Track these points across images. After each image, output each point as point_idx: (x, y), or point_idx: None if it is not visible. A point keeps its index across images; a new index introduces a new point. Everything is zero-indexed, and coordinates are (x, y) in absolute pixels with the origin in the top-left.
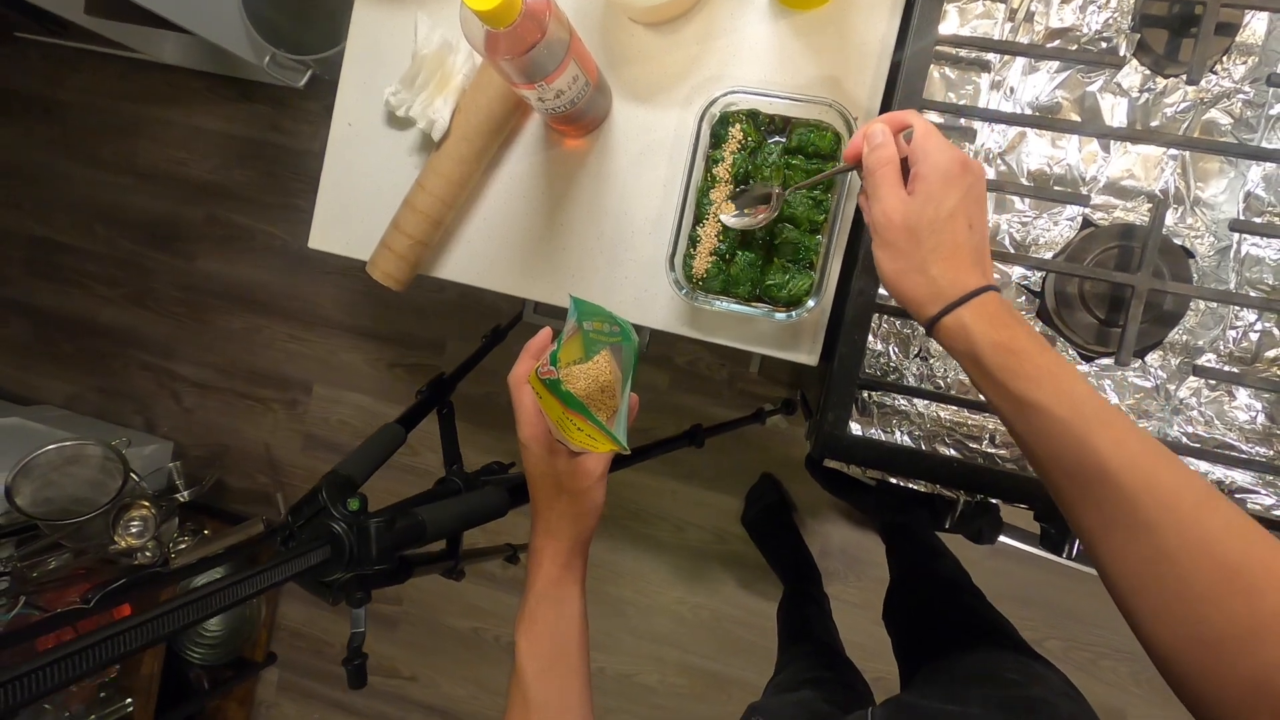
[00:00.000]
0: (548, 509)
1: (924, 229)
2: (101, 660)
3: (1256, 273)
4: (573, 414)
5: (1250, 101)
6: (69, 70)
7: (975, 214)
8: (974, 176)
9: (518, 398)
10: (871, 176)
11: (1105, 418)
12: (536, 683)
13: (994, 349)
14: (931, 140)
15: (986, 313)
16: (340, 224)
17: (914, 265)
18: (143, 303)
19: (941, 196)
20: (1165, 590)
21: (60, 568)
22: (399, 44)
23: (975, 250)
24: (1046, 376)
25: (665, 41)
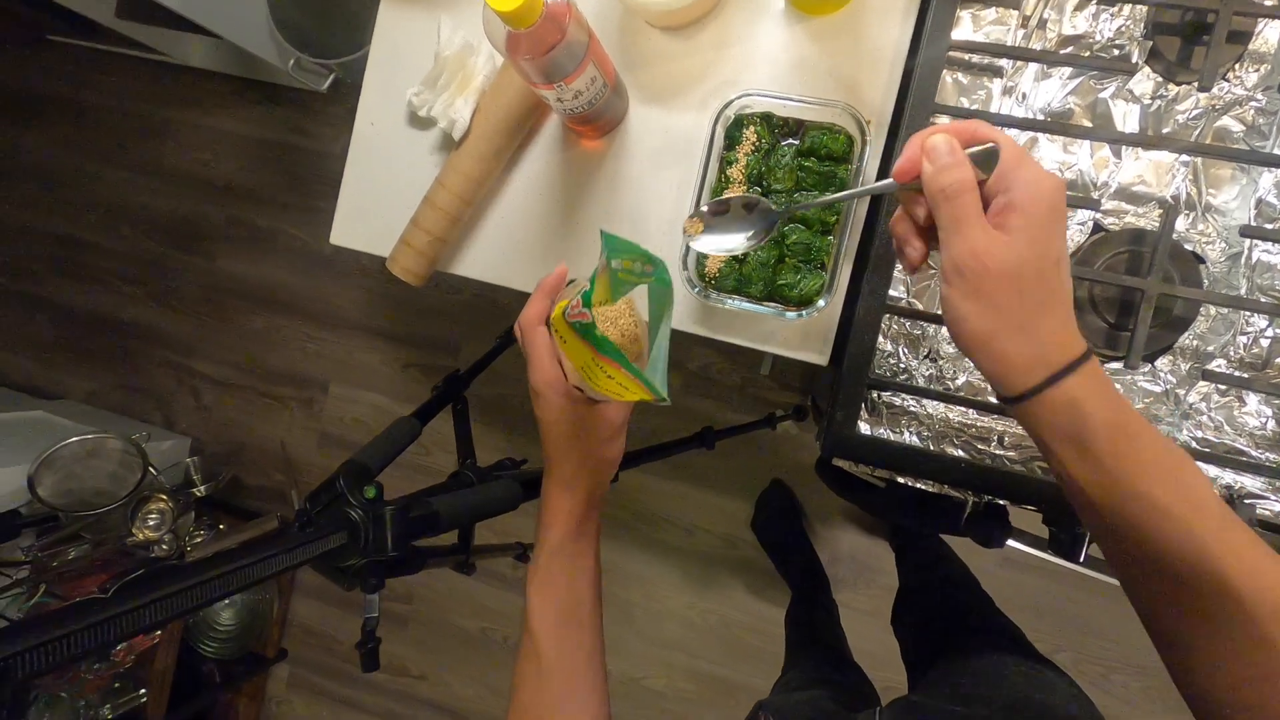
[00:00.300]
0: (563, 460)
1: (1030, 278)
2: (126, 631)
3: (1268, 279)
4: (605, 360)
5: (1262, 109)
6: (98, 73)
7: (1068, 257)
8: (1065, 209)
9: (530, 340)
10: (949, 204)
11: (1226, 522)
12: (549, 640)
13: (1107, 429)
14: (1029, 164)
15: (1098, 385)
16: (361, 221)
17: (1015, 323)
18: (165, 301)
19: (1050, 237)
20: (1270, 710)
21: (79, 558)
22: (421, 46)
23: (1072, 305)
24: (1167, 468)
25: (682, 46)
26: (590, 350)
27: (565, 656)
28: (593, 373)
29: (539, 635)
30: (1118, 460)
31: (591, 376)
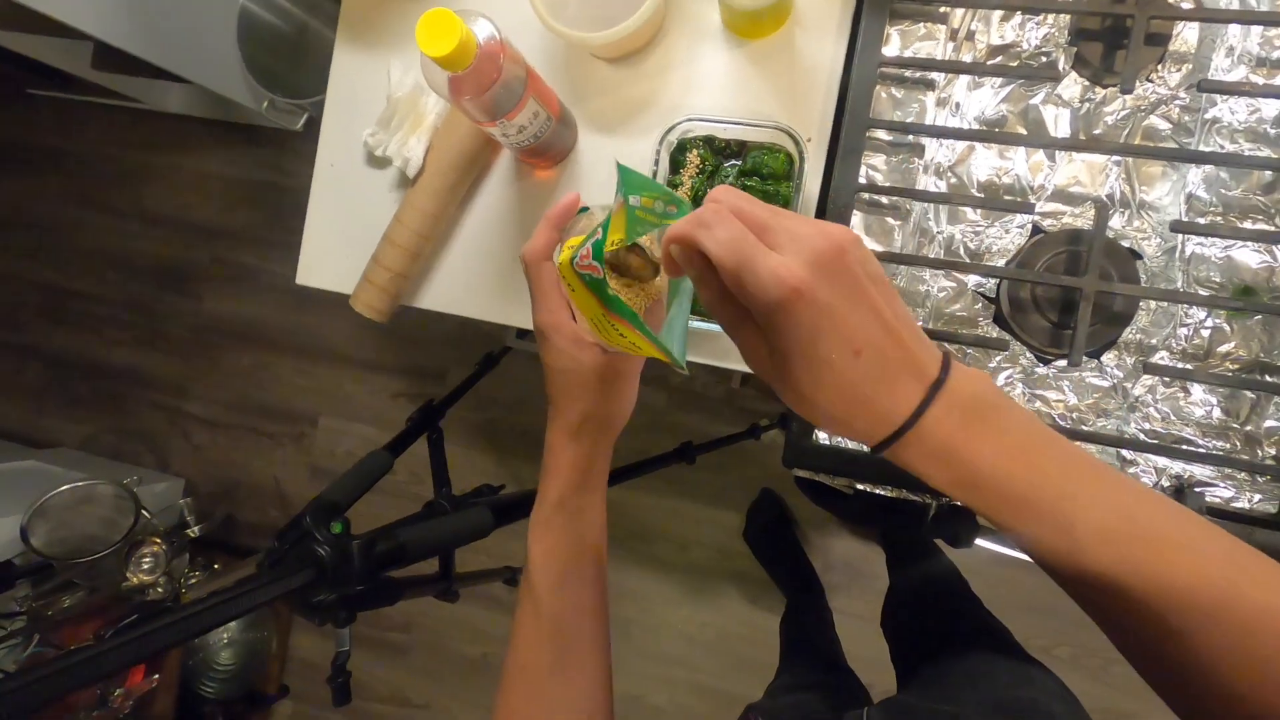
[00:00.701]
0: (569, 408)
1: (820, 397)
2: (81, 681)
3: (1203, 271)
4: (616, 319)
5: (1186, 107)
6: (79, 123)
7: (872, 307)
8: (853, 253)
9: (535, 276)
10: (737, 276)
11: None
12: (551, 596)
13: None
14: (785, 221)
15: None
16: (326, 259)
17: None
18: (153, 344)
19: (829, 300)
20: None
21: (74, 605)
22: (375, 88)
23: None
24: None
25: (626, 74)
26: (600, 306)
27: (567, 615)
28: (603, 328)
29: (540, 591)
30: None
31: (602, 331)
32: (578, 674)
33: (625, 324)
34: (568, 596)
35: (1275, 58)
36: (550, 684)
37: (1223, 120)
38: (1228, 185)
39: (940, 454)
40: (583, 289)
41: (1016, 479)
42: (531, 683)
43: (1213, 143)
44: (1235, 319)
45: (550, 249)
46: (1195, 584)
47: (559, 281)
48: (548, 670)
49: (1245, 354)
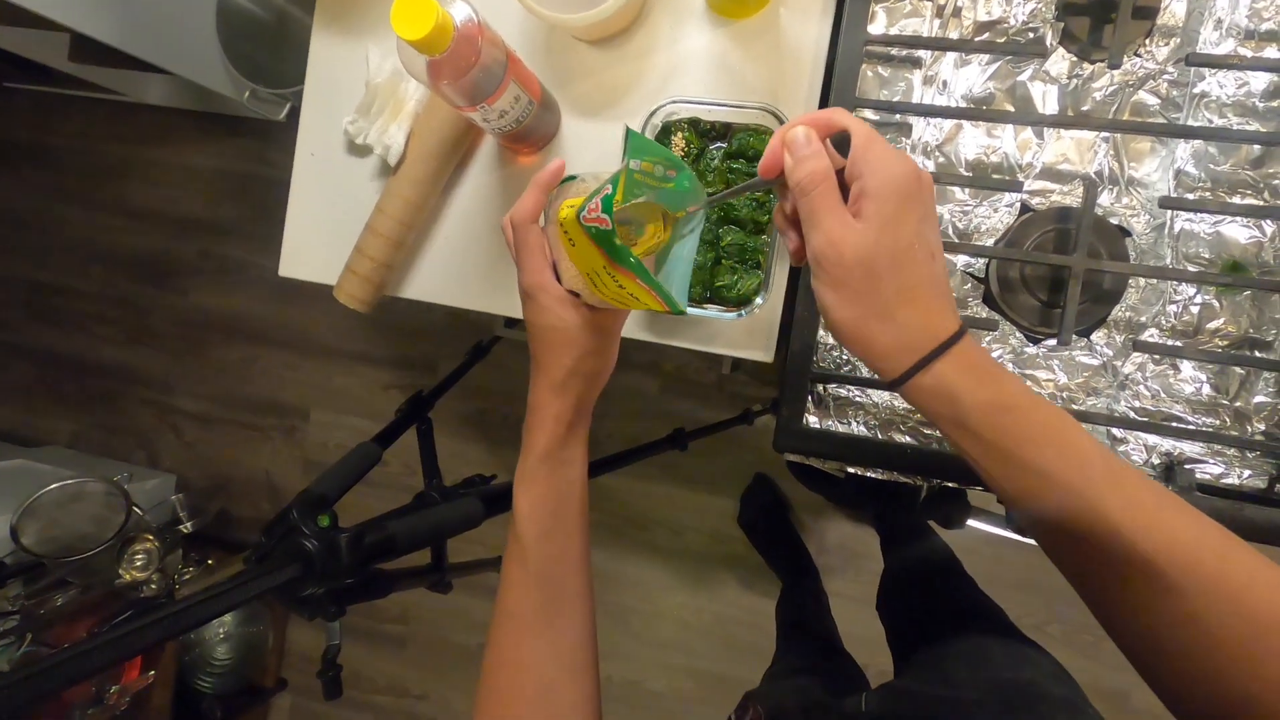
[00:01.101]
0: (554, 364)
1: (883, 264)
2: (68, 679)
3: (1192, 247)
4: (619, 269)
5: (1175, 81)
6: (59, 116)
7: (934, 239)
8: (927, 189)
9: (523, 238)
10: (806, 197)
11: (1115, 477)
12: (537, 545)
13: (984, 409)
14: (877, 148)
15: (968, 364)
16: (308, 251)
17: (874, 310)
18: (141, 340)
19: (901, 221)
20: (1193, 653)
21: (67, 604)
22: (354, 75)
23: (940, 284)
24: (1049, 435)
25: (609, 57)
26: (604, 258)
27: (553, 564)
28: (600, 280)
29: (526, 542)
30: (999, 434)
31: (598, 283)
32: (564, 620)
33: (627, 274)
34: (553, 545)
35: (1264, 30)
36: (537, 629)
37: (1211, 94)
38: (1216, 160)
39: (978, 370)
40: (585, 242)
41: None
42: (519, 628)
43: (1201, 117)
44: (1224, 295)
45: (537, 213)
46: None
47: (544, 244)
48: (535, 616)
49: (1234, 330)
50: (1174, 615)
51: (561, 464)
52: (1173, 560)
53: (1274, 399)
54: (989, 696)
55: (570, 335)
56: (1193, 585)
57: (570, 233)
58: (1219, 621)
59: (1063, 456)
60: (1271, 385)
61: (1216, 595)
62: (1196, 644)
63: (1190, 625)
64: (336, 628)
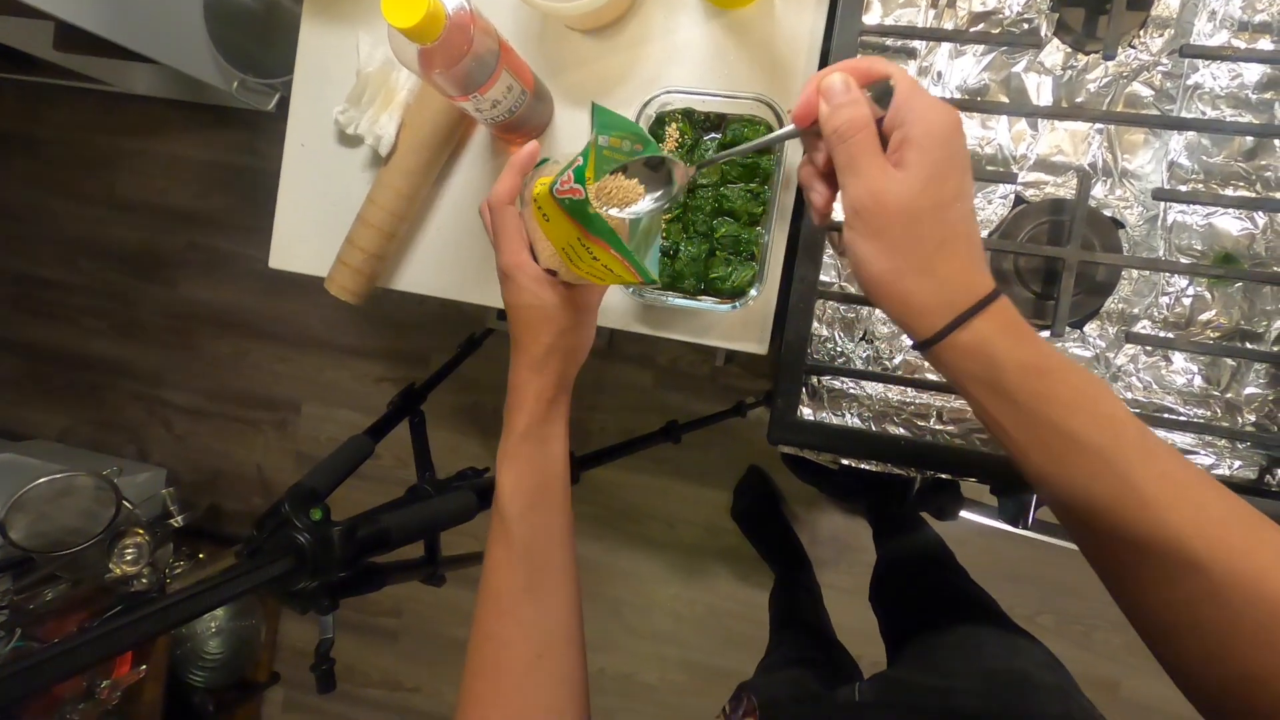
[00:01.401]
0: (533, 343)
1: (926, 216)
2: (49, 680)
3: (1185, 239)
4: (594, 240)
5: (1169, 73)
6: (46, 106)
7: (972, 193)
8: (963, 140)
9: (500, 220)
10: (845, 144)
11: (1148, 446)
12: (520, 523)
13: (1021, 370)
14: (923, 95)
15: (1006, 322)
16: (299, 242)
17: (915, 264)
18: (130, 333)
19: (947, 172)
20: (1212, 630)
21: (57, 598)
22: (344, 64)
23: (978, 240)
24: (1083, 401)
25: (603, 46)
26: (578, 229)
27: (537, 540)
28: (575, 253)
29: (510, 519)
30: (1032, 398)
31: (573, 257)
32: (548, 596)
33: (601, 244)
34: (536, 522)
35: (1257, 21)
36: (522, 605)
37: (1205, 86)
38: (1209, 152)
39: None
40: (559, 215)
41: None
42: (504, 606)
43: (1195, 109)
44: (1216, 287)
45: (514, 195)
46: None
47: (520, 225)
48: (519, 593)
49: (1226, 321)
50: (1195, 591)
51: (543, 441)
52: (1200, 533)
53: (1265, 390)
54: (981, 685)
55: (548, 313)
56: (1219, 561)
57: (545, 208)
58: (1241, 600)
59: (1096, 422)
60: (1262, 377)
61: (1241, 573)
62: (1215, 622)
63: (1210, 602)
64: (329, 621)
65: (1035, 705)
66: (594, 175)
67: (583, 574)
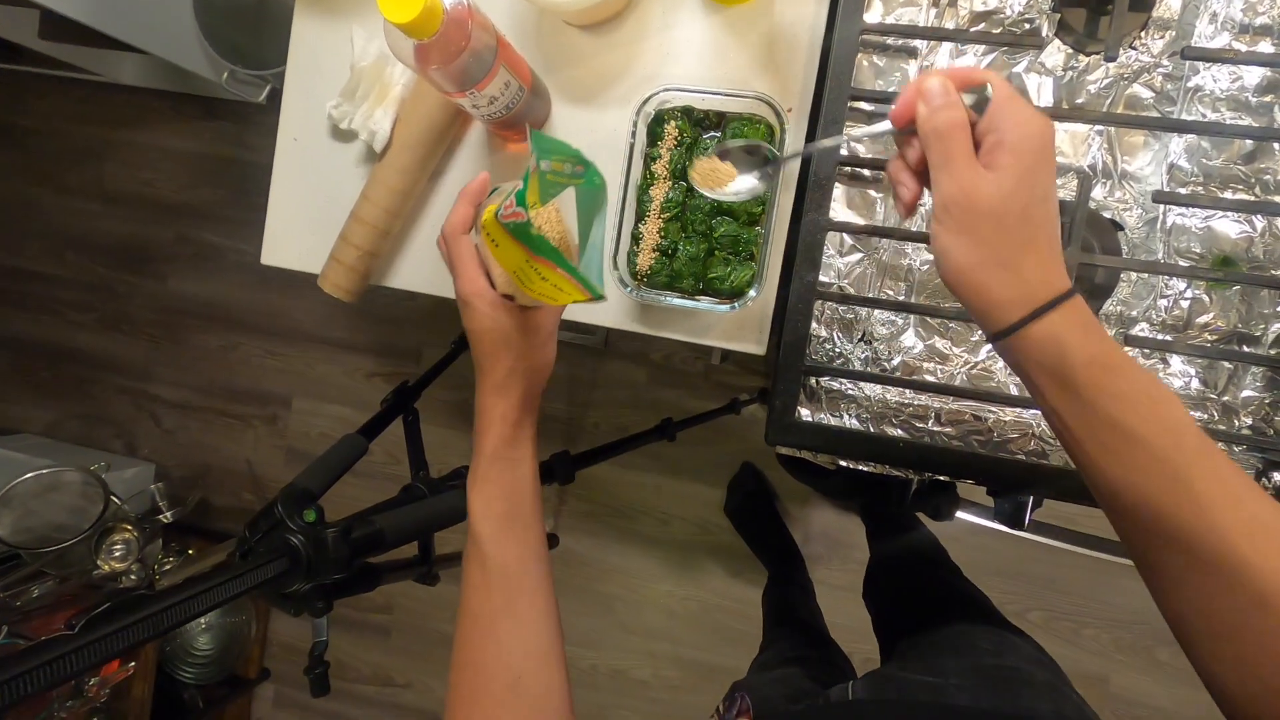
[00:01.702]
0: (494, 366)
1: (1014, 216)
2: (30, 691)
3: (1184, 242)
4: (540, 261)
5: (1169, 75)
6: (30, 96)
7: (1055, 197)
8: (1054, 149)
9: (455, 249)
10: (941, 142)
11: (1206, 450)
12: (493, 544)
13: (1089, 365)
14: (1018, 103)
15: (1080, 320)
16: (291, 239)
17: (999, 258)
18: (117, 326)
19: (1037, 175)
20: (1254, 638)
21: (44, 595)
22: (338, 58)
23: (1058, 242)
24: (1145, 400)
25: (600, 43)
26: (525, 251)
27: (510, 559)
28: (526, 276)
29: (483, 540)
30: (1097, 391)
31: (525, 280)
32: (524, 615)
33: (547, 264)
34: (509, 542)
35: (1259, 24)
36: (501, 626)
37: (1205, 88)
38: (1209, 155)
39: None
40: (506, 240)
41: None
42: (483, 628)
43: (1195, 111)
44: (1214, 289)
45: (468, 224)
46: None
47: (475, 253)
48: (496, 615)
49: (1224, 324)
50: (1240, 598)
51: (511, 462)
52: (1252, 539)
53: (1261, 393)
54: (974, 681)
55: (507, 336)
56: (1269, 567)
57: (493, 234)
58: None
59: (1158, 420)
60: (1259, 380)
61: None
62: (1256, 631)
63: (1254, 611)
64: (323, 624)
65: (1027, 701)
66: (539, 198)
67: (575, 570)
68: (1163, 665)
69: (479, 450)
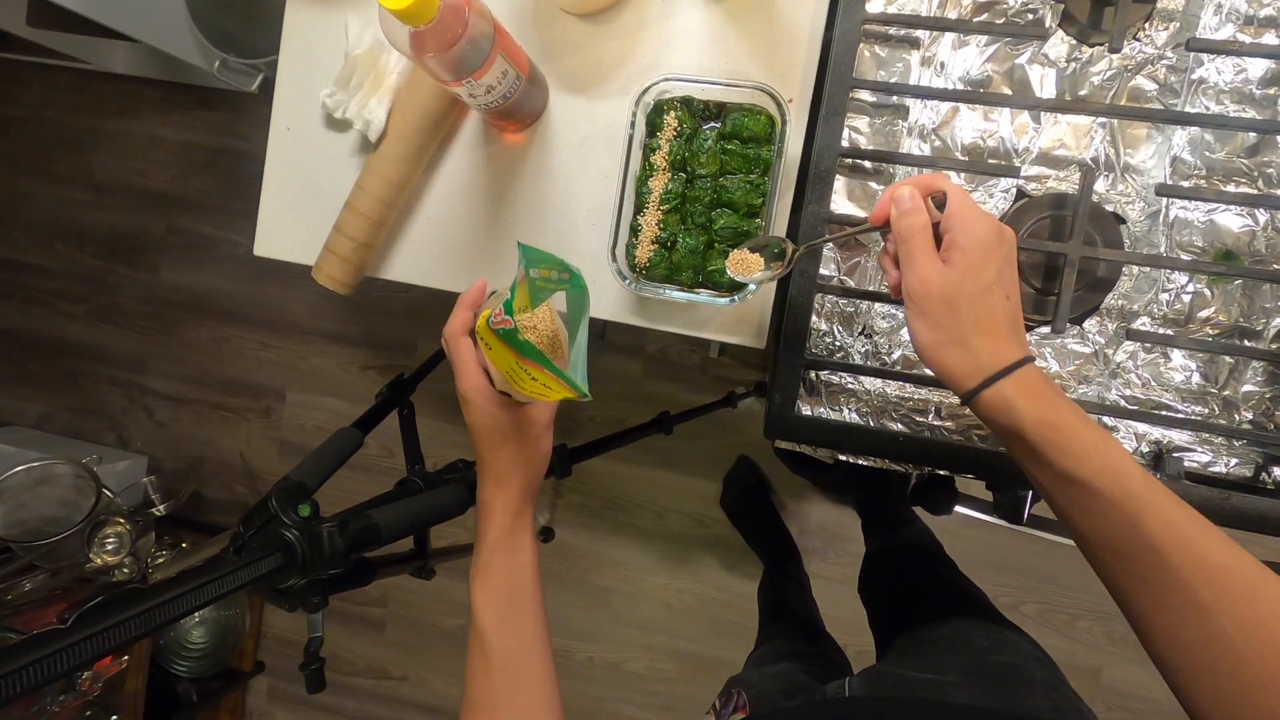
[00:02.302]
0: (494, 459)
1: (963, 302)
2: (28, 685)
3: (1186, 235)
4: (529, 364)
5: (1173, 67)
6: (19, 85)
7: (1010, 283)
8: (1009, 245)
9: (455, 350)
10: (905, 244)
11: (1153, 496)
12: (495, 633)
13: (1038, 425)
14: (970, 208)
15: (1028, 386)
16: (285, 229)
17: (952, 337)
18: (108, 318)
19: (981, 268)
20: (1219, 672)
21: (36, 589)
22: (332, 45)
23: (1012, 320)
24: (1093, 453)
25: (599, 31)
26: (514, 355)
27: (512, 649)
28: (517, 376)
29: (485, 630)
30: (1049, 448)
31: (516, 380)
32: (527, 703)
33: (535, 366)
34: (509, 633)
35: (1264, 15)
36: (501, 717)
37: (1209, 81)
38: (1212, 148)
39: (1036, 392)
40: (498, 344)
41: (1091, 432)
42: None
43: (1199, 104)
44: (1216, 284)
45: (466, 327)
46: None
47: (476, 353)
48: (500, 704)
49: (1225, 319)
50: (1203, 633)
51: (512, 551)
52: (1205, 579)
53: (1262, 388)
54: (970, 679)
55: (505, 430)
56: (1224, 606)
57: (485, 339)
58: (1246, 644)
59: (1105, 472)
60: (1260, 374)
61: (1244, 618)
62: (1223, 663)
63: (1218, 645)
64: (319, 619)
65: (1024, 699)
66: (529, 304)
67: (571, 563)
68: None
69: (481, 540)
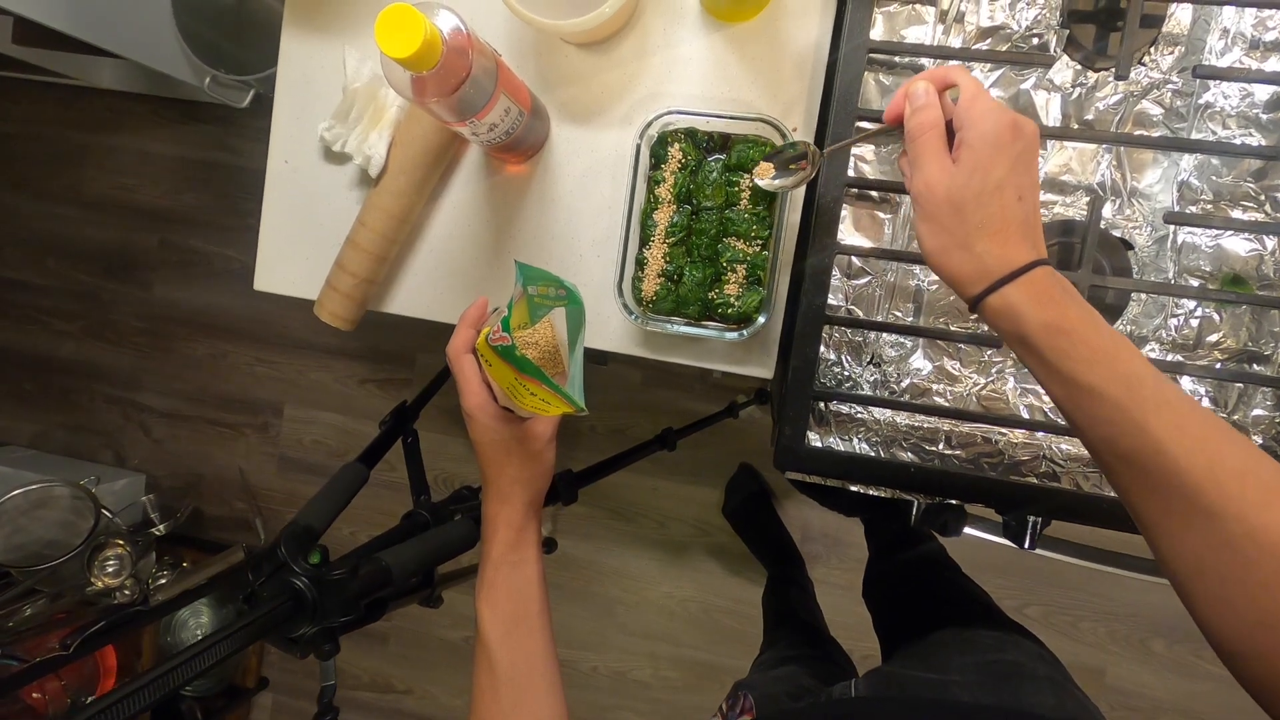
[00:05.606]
0: (498, 475)
1: (969, 203)
2: None
3: (1193, 260)
4: (527, 379)
5: (1179, 91)
6: (7, 101)
7: (1025, 183)
8: (1025, 141)
9: (458, 368)
10: (914, 143)
11: (1163, 398)
12: (501, 648)
13: (1043, 330)
14: (980, 103)
15: (1036, 290)
16: (286, 264)
17: (957, 241)
18: (102, 335)
19: (990, 167)
20: (1226, 578)
21: (37, 614)
22: (330, 77)
23: (1024, 223)
24: (1100, 357)
25: (600, 61)
26: (513, 371)
27: (518, 664)
28: (517, 391)
29: (491, 646)
30: (1056, 354)
31: (516, 395)
32: (533, 717)
33: (534, 381)
34: (515, 647)
35: (1269, 40)
36: None
37: (1215, 105)
38: (1219, 172)
39: (1044, 296)
40: (498, 361)
41: (1101, 335)
42: None
43: (1205, 129)
44: (1224, 308)
45: (469, 345)
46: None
47: (479, 370)
48: (507, 718)
49: (1234, 343)
50: (1211, 538)
51: (516, 566)
52: (1215, 484)
53: (1272, 412)
54: (976, 678)
55: (508, 445)
56: (1233, 510)
57: (486, 356)
58: (1255, 549)
59: (1113, 376)
60: (1269, 399)
61: (1256, 526)
62: (1232, 569)
63: (1225, 550)
64: (331, 667)
65: (1029, 696)
66: (528, 320)
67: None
68: (1157, 656)
69: (486, 556)
